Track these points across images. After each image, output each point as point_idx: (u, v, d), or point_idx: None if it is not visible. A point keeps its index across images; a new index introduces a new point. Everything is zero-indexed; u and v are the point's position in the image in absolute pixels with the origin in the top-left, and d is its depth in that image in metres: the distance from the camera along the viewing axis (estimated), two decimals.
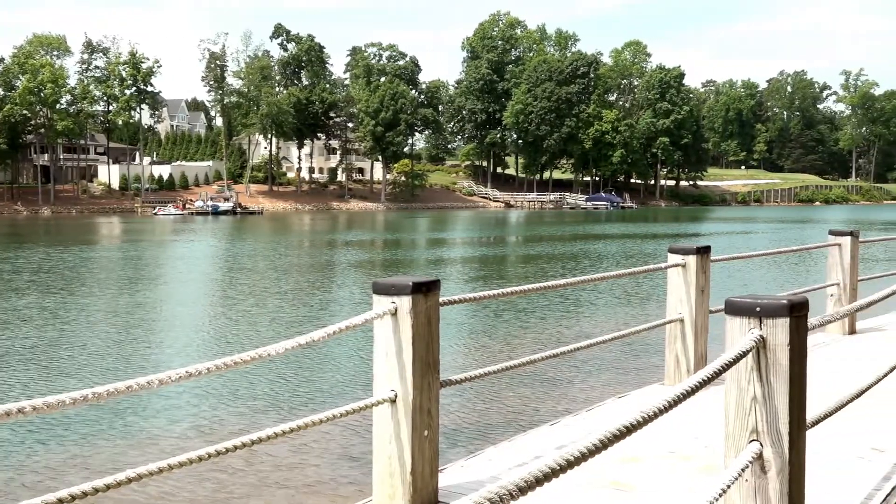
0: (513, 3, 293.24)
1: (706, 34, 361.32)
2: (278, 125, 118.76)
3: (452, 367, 12.95)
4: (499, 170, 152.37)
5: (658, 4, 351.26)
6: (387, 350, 4.46)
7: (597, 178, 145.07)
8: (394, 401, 4.47)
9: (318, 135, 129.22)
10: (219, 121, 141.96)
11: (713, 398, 4.29)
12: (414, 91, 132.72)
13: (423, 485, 4.53)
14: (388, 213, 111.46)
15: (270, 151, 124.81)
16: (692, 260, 7.40)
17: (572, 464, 2.27)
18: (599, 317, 19.61)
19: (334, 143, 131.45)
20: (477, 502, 1.99)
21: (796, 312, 3.27)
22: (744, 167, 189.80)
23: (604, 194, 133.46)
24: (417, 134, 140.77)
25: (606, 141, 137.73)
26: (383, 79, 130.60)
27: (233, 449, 3.57)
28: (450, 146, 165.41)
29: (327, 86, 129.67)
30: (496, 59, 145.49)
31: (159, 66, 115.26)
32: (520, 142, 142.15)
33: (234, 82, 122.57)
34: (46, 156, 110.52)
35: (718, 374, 3.02)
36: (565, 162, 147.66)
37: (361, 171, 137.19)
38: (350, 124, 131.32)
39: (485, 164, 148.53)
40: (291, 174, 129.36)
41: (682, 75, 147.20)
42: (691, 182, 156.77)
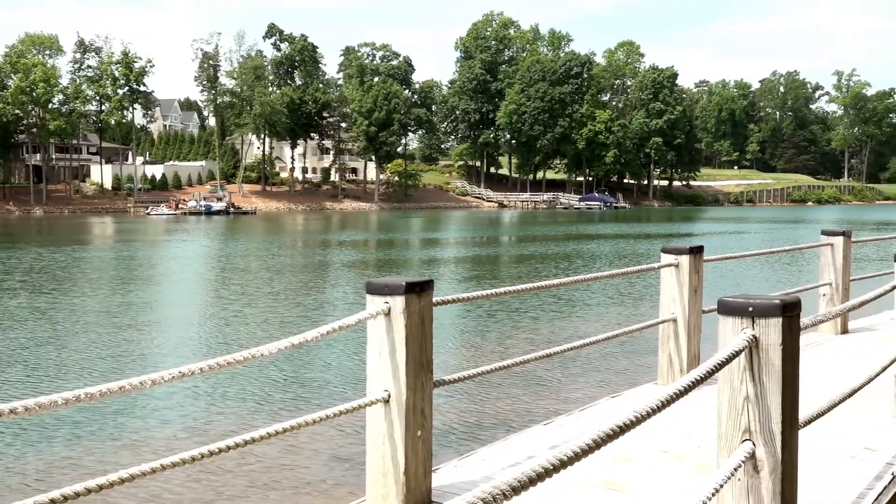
0: (506, 4, 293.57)
1: (699, 34, 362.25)
2: (271, 125, 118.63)
3: (446, 367, 12.95)
4: (492, 170, 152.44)
5: (651, 4, 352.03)
6: (380, 350, 4.46)
7: (590, 179, 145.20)
8: (387, 401, 4.47)
9: (312, 135, 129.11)
10: (212, 120, 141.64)
11: (706, 398, 4.30)
12: (407, 91, 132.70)
13: (416, 485, 4.52)
14: (382, 213, 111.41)
15: (263, 151, 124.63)
16: (685, 260, 7.41)
17: (566, 463, 2.27)
18: (593, 317, 19.63)
19: (328, 143, 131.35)
20: (470, 502, 1.99)
21: (789, 312, 3.27)
22: (736, 167, 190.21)
23: (597, 194, 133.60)
24: (411, 134, 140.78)
25: (600, 141, 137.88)
26: (377, 79, 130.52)
27: (226, 449, 3.57)
28: (443, 146, 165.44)
29: (320, 86, 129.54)
30: (489, 59, 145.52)
31: (152, 66, 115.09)
32: (513, 142, 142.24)
33: (227, 82, 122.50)
34: (38, 155, 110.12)
35: (711, 373, 3.03)
36: (558, 162, 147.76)
37: (355, 171, 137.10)
38: (343, 124, 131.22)
39: (478, 164, 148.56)
40: (285, 174, 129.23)
41: (675, 75, 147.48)
42: (684, 182, 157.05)
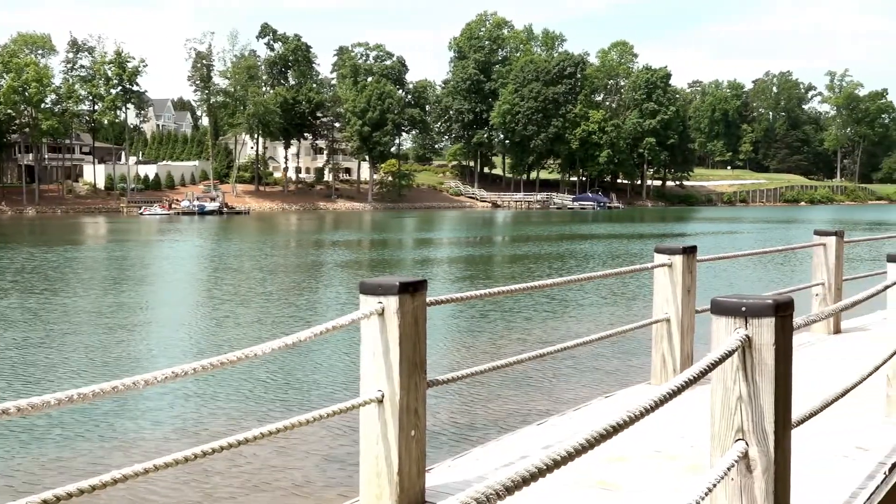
0: (500, 4, 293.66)
1: (692, 35, 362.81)
2: (265, 125, 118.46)
3: (439, 367, 12.94)
4: (486, 170, 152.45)
5: (644, 5, 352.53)
6: (374, 350, 4.46)
7: (583, 179, 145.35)
8: (381, 401, 4.46)
9: (305, 135, 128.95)
10: (205, 120, 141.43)
11: (699, 397, 4.31)
12: (401, 91, 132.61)
13: (410, 485, 4.52)
14: (375, 213, 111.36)
15: (257, 151, 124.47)
16: (678, 260, 7.42)
17: (559, 463, 2.27)
18: (586, 317, 19.65)
19: (321, 143, 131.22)
20: (464, 502, 1.99)
21: (781, 312, 3.28)
22: (729, 167, 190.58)
23: (590, 194, 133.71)
24: (404, 134, 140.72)
25: (593, 141, 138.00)
26: (370, 79, 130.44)
27: (219, 450, 3.56)
28: (437, 146, 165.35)
29: (314, 85, 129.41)
30: (483, 59, 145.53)
31: (145, 66, 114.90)
32: (507, 142, 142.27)
33: (220, 82, 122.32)
34: (31, 155, 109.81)
35: (704, 373, 3.03)
36: (552, 162, 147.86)
37: (348, 171, 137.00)
38: (337, 124, 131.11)
39: (472, 164, 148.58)
40: (278, 174, 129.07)
41: (668, 76, 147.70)
42: (677, 182, 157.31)
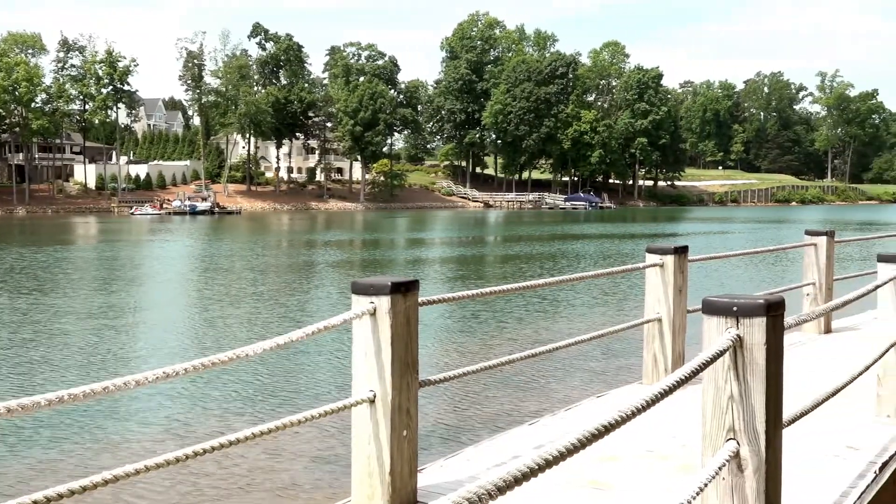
0: (492, 4, 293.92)
1: (683, 35, 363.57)
2: (256, 125, 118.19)
3: (431, 366, 12.94)
4: (478, 170, 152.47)
5: (636, 5, 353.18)
6: (365, 350, 4.45)
7: (575, 179, 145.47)
8: (373, 401, 4.46)
9: (297, 134, 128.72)
10: (196, 120, 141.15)
11: (691, 397, 4.32)
12: (393, 91, 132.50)
13: (402, 485, 4.52)
14: (367, 213, 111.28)
15: (249, 151, 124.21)
16: (670, 260, 7.43)
17: (551, 463, 2.27)
18: (578, 317, 19.67)
19: (313, 143, 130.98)
20: (456, 502, 1.99)
21: (773, 312, 3.29)
22: (721, 167, 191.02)
23: (582, 194, 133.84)
24: (396, 134, 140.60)
25: (585, 141, 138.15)
26: (362, 78, 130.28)
27: (210, 450, 3.55)
28: (429, 146, 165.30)
29: (306, 85, 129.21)
30: (475, 59, 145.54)
31: (136, 65, 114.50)
32: (499, 142, 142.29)
33: (211, 81, 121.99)
34: (21, 155, 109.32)
35: (696, 373, 3.04)
36: (544, 162, 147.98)
37: (340, 170, 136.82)
38: (329, 124, 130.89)
39: (464, 164, 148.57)
40: (270, 174, 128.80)
41: (660, 76, 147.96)
42: (669, 182, 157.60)
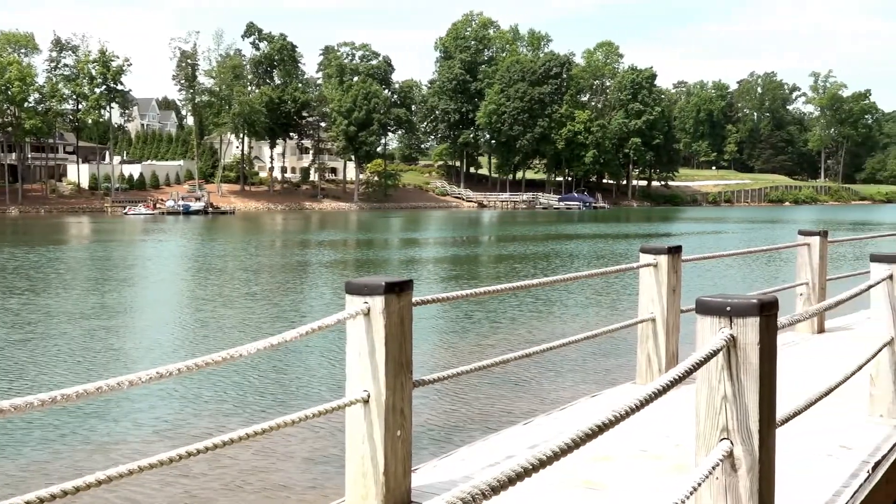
0: (486, 4, 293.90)
1: (677, 35, 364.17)
2: (250, 124, 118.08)
3: (425, 366, 12.94)
4: (472, 170, 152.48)
5: (630, 5, 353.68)
6: (359, 350, 4.45)
7: (569, 179, 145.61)
8: (367, 401, 4.46)
9: (291, 134, 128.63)
10: (190, 120, 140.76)
11: (684, 397, 4.33)
12: (387, 91, 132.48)
13: (395, 485, 4.52)
14: (361, 212, 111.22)
15: (242, 151, 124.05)
16: (663, 260, 7.44)
17: (545, 463, 2.27)
18: (571, 316, 19.69)
19: (307, 143, 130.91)
20: (450, 502, 1.99)
21: (766, 312, 3.29)
22: (714, 168, 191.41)
23: (576, 194, 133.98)
24: (390, 134, 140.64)
25: (579, 141, 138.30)
26: (356, 78, 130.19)
27: (204, 450, 3.55)
28: (423, 146, 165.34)
29: (300, 85, 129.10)
30: (469, 59, 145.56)
31: (129, 65, 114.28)
32: (493, 142, 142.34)
33: (205, 81, 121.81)
34: (14, 155, 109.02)
35: (689, 373, 3.04)
36: (538, 162, 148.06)
37: (334, 170, 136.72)
38: (323, 124, 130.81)
39: (458, 164, 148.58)
40: (264, 174, 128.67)
41: (653, 76, 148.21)
42: (663, 182, 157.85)
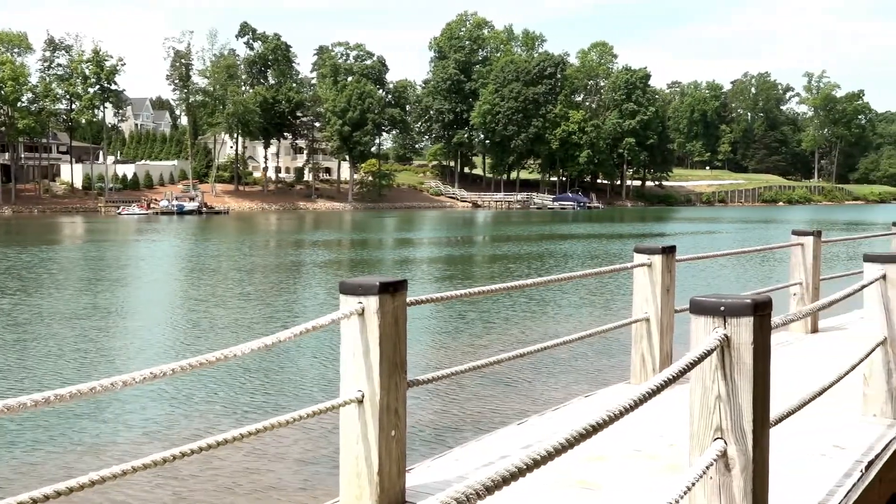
0: (480, 4, 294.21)
1: (671, 35, 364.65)
2: (244, 124, 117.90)
3: (419, 367, 12.94)
4: (466, 170, 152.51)
5: (624, 5, 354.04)
6: (354, 350, 4.45)
7: (563, 179, 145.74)
8: (361, 401, 4.45)
9: (285, 134, 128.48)
10: (184, 120, 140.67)
11: (678, 397, 4.33)
12: (381, 91, 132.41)
13: (390, 485, 4.52)
14: (356, 212, 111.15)
15: (237, 151, 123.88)
16: (658, 260, 7.45)
17: (539, 463, 2.27)
18: (566, 316, 19.70)
19: (301, 143, 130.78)
20: (444, 502, 1.99)
21: (760, 311, 3.30)
22: (708, 168, 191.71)
23: (570, 194, 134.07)
24: (385, 134, 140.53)
25: (573, 141, 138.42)
26: (350, 78, 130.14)
27: (197, 451, 3.54)
28: (417, 146, 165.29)
29: (294, 85, 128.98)
30: (463, 59, 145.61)
31: (123, 65, 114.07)
32: (487, 142, 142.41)
33: (199, 81, 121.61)
34: (7, 154, 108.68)
35: (683, 372, 3.04)
36: (532, 162, 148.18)
37: (328, 170, 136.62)
38: (317, 124, 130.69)
39: (452, 164, 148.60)
40: (258, 174, 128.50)
41: (647, 76, 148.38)
42: (657, 182, 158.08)
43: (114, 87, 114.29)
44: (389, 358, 4.44)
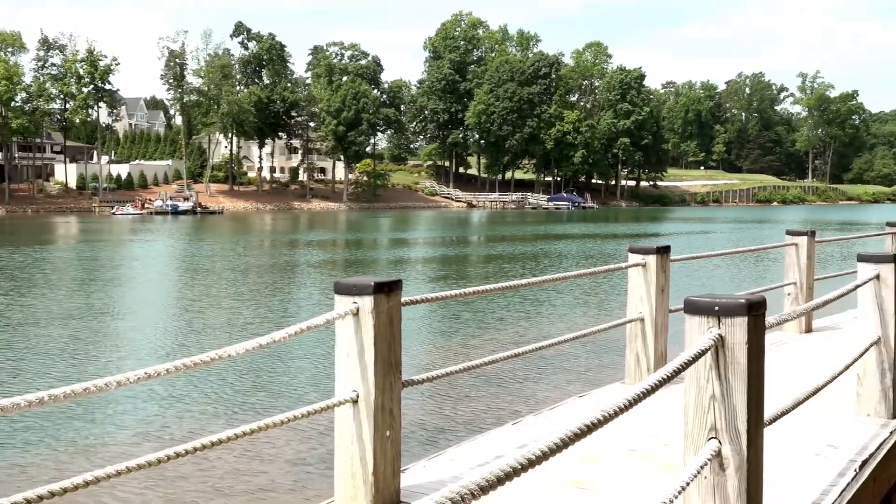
0: (475, 4, 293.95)
1: (666, 35, 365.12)
2: (239, 124, 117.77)
3: (414, 367, 12.93)
4: (461, 170, 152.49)
5: (619, 5, 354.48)
6: (348, 350, 4.44)
7: (558, 179, 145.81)
8: (356, 401, 4.45)
9: (280, 134, 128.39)
10: (178, 119, 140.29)
11: (673, 396, 4.33)
12: (376, 91, 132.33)
13: (385, 485, 4.51)
14: (350, 212, 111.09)
15: (231, 151, 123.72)
16: (652, 259, 7.46)
17: (534, 463, 2.27)
18: (560, 316, 19.71)
19: (296, 143, 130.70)
20: (439, 502, 1.98)
21: (754, 311, 3.30)
22: (703, 168, 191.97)
23: (565, 194, 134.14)
24: (379, 133, 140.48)
25: (568, 141, 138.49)
26: (345, 78, 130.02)
27: (192, 451, 3.53)
28: (412, 146, 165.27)
29: (289, 85, 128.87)
30: (458, 59, 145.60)
31: (117, 64, 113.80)
32: (482, 142, 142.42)
33: (194, 81, 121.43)
34: (1, 154, 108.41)
35: (678, 372, 3.05)
36: (527, 162, 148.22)
37: (323, 170, 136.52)
38: (312, 124, 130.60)
39: (447, 164, 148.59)
40: (252, 174, 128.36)
41: (642, 76, 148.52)
42: (651, 182, 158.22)
43: (108, 86, 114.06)
44: (384, 358, 4.44)
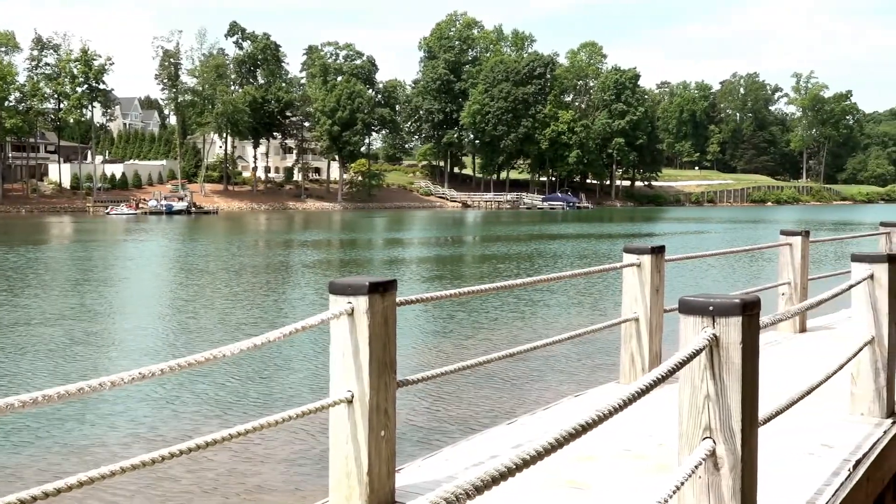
0: (470, 4, 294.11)
1: (660, 36, 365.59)
2: (233, 124, 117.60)
3: (409, 367, 12.93)
4: (456, 170, 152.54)
5: (614, 5, 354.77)
6: (343, 350, 4.44)
7: (553, 179, 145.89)
8: (350, 401, 4.45)
9: (275, 134, 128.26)
10: (173, 119, 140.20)
11: (667, 396, 4.34)
12: (371, 90, 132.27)
13: (380, 485, 4.51)
14: (345, 212, 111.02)
15: (226, 150, 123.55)
16: (647, 259, 7.46)
17: (528, 463, 2.27)
18: (555, 316, 19.72)
19: (290, 143, 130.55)
20: (434, 502, 1.98)
21: (748, 311, 3.31)
22: (697, 168, 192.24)
23: (560, 194, 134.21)
24: (374, 133, 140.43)
25: (562, 141, 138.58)
26: (340, 78, 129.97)
27: (186, 451, 3.53)
28: (407, 146, 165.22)
29: (283, 85, 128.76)
30: (453, 59, 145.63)
31: (112, 64, 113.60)
32: (477, 142, 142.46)
33: (188, 80, 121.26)
34: None
35: (672, 372, 3.05)
36: (522, 162, 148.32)
37: (318, 170, 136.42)
38: (306, 123, 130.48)
39: (442, 164, 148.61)
40: (247, 174, 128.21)
41: (637, 76, 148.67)
42: (646, 182, 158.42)
43: (102, 86, 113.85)
44: (379, 358, 4.43)
